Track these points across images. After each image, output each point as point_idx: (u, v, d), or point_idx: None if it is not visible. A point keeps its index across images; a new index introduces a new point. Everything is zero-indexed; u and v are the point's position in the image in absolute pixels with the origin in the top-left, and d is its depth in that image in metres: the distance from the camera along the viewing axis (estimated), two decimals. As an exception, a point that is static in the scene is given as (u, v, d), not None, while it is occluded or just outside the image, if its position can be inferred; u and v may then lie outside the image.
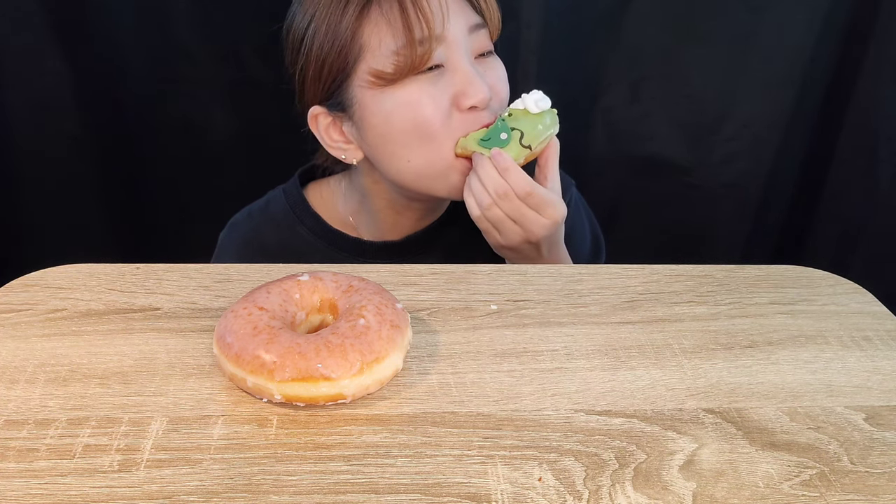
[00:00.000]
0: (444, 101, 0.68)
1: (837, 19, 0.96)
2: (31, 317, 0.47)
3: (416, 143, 0.69)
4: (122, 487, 0.35)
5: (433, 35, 0.65)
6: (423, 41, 0.65)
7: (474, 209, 0.68)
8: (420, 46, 0.65)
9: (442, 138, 0.68)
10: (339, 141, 0.74)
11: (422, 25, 0.65)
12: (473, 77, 0.68)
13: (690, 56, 0.98)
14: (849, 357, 0.46)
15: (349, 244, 0.78)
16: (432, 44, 0.66)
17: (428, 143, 0.68)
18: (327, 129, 0.74)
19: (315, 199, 0.80)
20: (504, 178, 0.66)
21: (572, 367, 0.44)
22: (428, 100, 0.67)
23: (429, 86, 0.68)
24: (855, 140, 1.01)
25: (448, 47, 0.67)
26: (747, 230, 1.11)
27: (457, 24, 0.67)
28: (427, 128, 0.68)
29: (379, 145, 0.71)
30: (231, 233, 0.80)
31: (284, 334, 0.40)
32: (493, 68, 0.72)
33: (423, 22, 0.65)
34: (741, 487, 0.36)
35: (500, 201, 0.66)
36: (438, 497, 0.35)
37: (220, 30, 0.92)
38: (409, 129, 0.68)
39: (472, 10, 0.69)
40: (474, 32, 0.69)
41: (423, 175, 0.71)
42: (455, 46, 0.68)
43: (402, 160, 0.70)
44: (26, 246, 1.01)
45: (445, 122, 0.68)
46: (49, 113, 0.94)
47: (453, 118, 0.68)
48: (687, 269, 0.55)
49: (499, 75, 0.72)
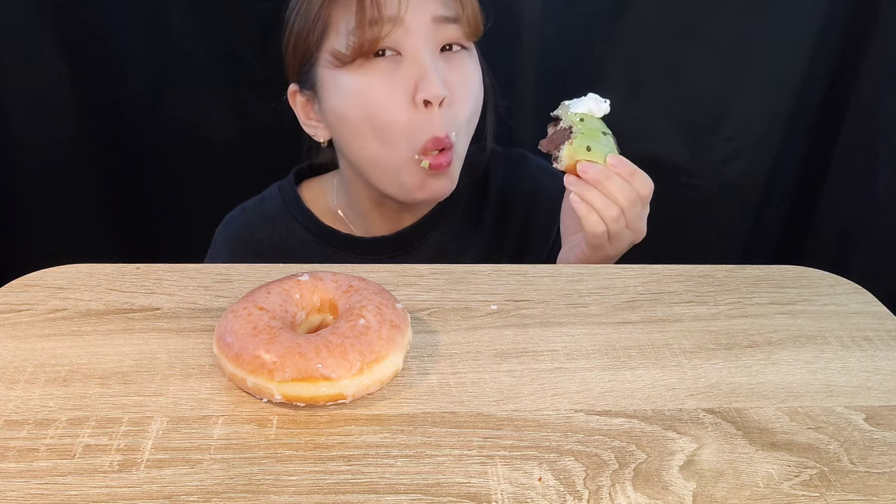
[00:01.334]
0: (399, 94, 0.66)
1: (837, 19, 0.96)
2: (31, 317, 0.47)
3: (368, 131, 0.68)
4: (122, 487, 0.35)
5: (383, 17, 0.64)
6: (373, 22, 0.64)
7: (598, 225, 0.60)
8: (370, 29, 0.65)
9: (393, 134, 0.67)
10: (312, 119, 0.75)
11: (373, 7, 0.64)
12: (427, 68, 0.66)
13: (690, 56, 0.98)
14: (849, 357, 0.46)
15: (340, 240, 0.78)
16: (383, 27, 0.65)
17: (379, 134, 0.68)
18: (303, 106, 0.75)
19: (308, 196, 0.80)
20: (631, 184, 0.60)
21: (572, 367, 0.44)
22: (381, 91, 0.66)
23: (384, 77, 0.67)
24: (855, 140, 1.01)
25: (407, 34, 0.66)
26: (747, 230, 1.11)
27: (420, 11, 0.66)
28: (377, 119, 0.67)
29: (336, 127, 0.71)
30: (225, 229, 0.81)
31: (284, 334, 0.40)
32: (460, 68, 0.69)
33: (374, 4, 0.64)
34: (741, 487, 0.36)
35: (629, 210, 0.60)
36: (438, 497, 0.35)
37: (220, 30, 0.92)
38: (361, 117, 0.68)
39: (442, 2, 0.67)
40: (442, 24, 0.67)
41: (374, 165, 0.70)
42: (415, 34, 0.66)
43: (355, 146, 0.70)
44: (26, 246, 1.01)
45: (397, 116, 0.66)
46: (49, 113, 0.94)
47: (407, 113, 0.66)
48: (687, 269, 0.55)
49: (464, 78, 0.69)
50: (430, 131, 0.67)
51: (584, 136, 0.60)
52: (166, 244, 1.05)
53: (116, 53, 0.93)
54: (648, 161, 1.09)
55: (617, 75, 0.99)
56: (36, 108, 0.93)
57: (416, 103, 0.66)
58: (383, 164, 0.69)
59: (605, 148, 0.60)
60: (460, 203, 0.79)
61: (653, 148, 1.03)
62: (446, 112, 0.67)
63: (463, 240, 0.80)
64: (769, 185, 1.07)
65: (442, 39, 0.68)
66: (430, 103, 0.66)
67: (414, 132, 0.67)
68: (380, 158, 0.69)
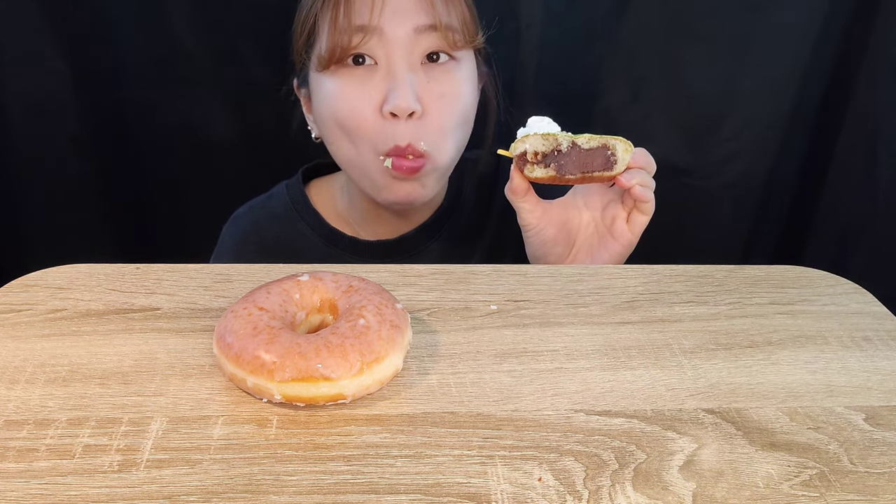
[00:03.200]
0: (368, 102, 0.66)
1: (837, 19, 0.96)
2: (31, 317, 0.47)
3: (339, 134, 0.69)
4: (122, 487, 0.35)
5: (352, 26, 0.65)
6: (343, 31, 0.65)
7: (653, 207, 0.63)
8: (340, 35, 0.65)
9: (359, 138, 0.68)
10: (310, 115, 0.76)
11: (345, 16, 0.65)
12: (399, 82, 0.65)
13: (690, 56, 0.98)
14: (849, 357, 0.46)
15: (345, 242, 0.79)
16: (353, 36, 0.65)
17: (347, 138, 0.69)
18: (305, 102, 0.76)
19: (316, 197, 0.81)
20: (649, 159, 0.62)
21: (572, 368, 0.44)
22: (351, 97, 0.67)
23: (358, 84, 0.67)
24: (855, 140, 1.01)
25: (384, 44, 0.66)
26: (747, 230, 1.11)
27: (401, 21, 0.65)
28: (345, 123, 0.68)
29: (320, 127, 0.73)
30: (231, 226, 0.81)
31: (284, 334, 0.40)
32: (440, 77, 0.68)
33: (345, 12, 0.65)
34: (741, 487, 0.36)
35: None
36: (438, 497, 0.35)
37: (220, 30, 0.92)
38: (332, 119, 0.69)
39: (424, 12, 0.66)
40: (425, 34, 0.66)
41: (350, 166, 0.72)
42: (391, 44, 0.66)
43: (333, 146, 0.72)
44: (26, 246, 1.01)
45: (362, 122, 0.67)
46: (49, 113, 0.94)
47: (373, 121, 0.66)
48: (687, 269, 0.55)
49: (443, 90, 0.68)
50: (393, 139, 0.67)
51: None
52: (166, 244, 1.05)
53: (116, 53, 0.93)
54: (648, 161, 1.07)
55: (617, 75, 0.99)
56: (36, 108, 0.93)
57: (383, 113, 0.66)
58: (356, 164, 0.71)
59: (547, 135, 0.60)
60: (465, 209, 0.80)
61: (653, 148, 1.03)
62: (416, 124, 0.67)
63: (467, 245, 0.80)
64: (769, 185, 1.07)
65: (424, 49, 0.67)
66: (396, 116, 0.66)
67: (378, 138, 0.67)
68: (352, 159, 0.70)
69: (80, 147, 0.97)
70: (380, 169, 0.69)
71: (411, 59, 0.67)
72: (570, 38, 0.96)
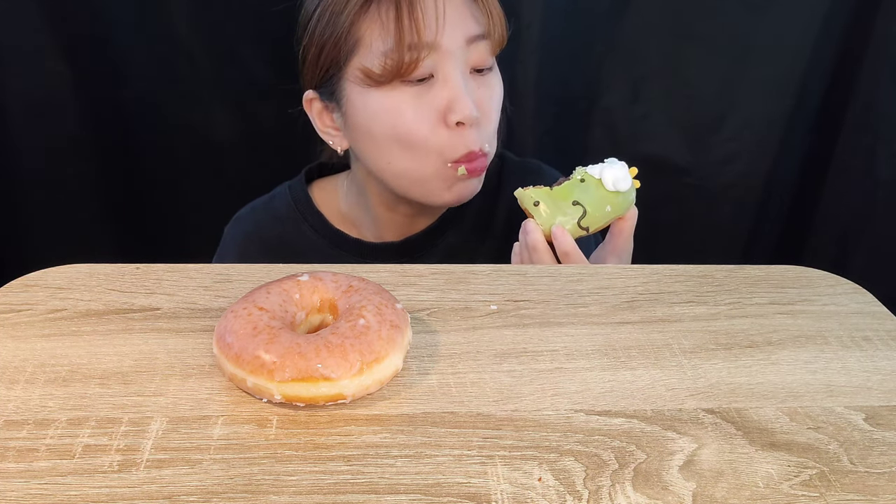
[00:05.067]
0: (430, 114, 0.67)
1: (837, 19, 0.96)
2: (31, 317, 0.47)
3: (396, 149, 0.68)
4: (122, 487, 0.35)
5: (422, 43, 0.64)
6: (412, 47, 0.64)
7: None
8: (409, 53, 0.64)
9: (424, 150, 0.68)
10: (330, 127, 0.75)
11: (412, 32, 0.64)
12: (461, 92, 0.66)
13: (690, 56, 0.98)
14: (849, 357, 0.46)
15: (350, 244, 0.78)
16: (421, 52, 0.65)
17: (409, 151, 0.68)
18: (320, 113, 0.74)
19: (319, 198, 0.80)
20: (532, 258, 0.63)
21: (572, 368, 0.44)
22: (411, 111, 0.67)
23: (414, 97, 0.67)
24: (855, 140, 1.01)
25: (441, 57, 0.66)
26: (747, 230, 1.11)
27: (454, 34, 0.66)
28: (408, 138, 0.67)
29: (361, 141, 0.71)
30: (233, 227, 0.81)
31: (284, 334, 0.40)
32: (488, 86, 0.70)
33: (414, 28, 0.64)
34: (741, 487, 0.36)
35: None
36: (438, 497, 0.35)
37: (220, 30, 0.92)
38: (390, 135, 0.68)
39: (474, 21, 0.67)
40: (473, 44, 0.68)
41: (401, 177, 0.71)
42: (448, 57, 0.66)
43: (382, 160, 0.70)
44: (26, 246, 1.01)
45: (429, 135, 0.67)
46: (49, 113, 0.94)
47: (439, 132, 0.67)
48: (687, 269, 0.55)
49: (492, 94, 0.70)
50: (465, 147, 0.68)
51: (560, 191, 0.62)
52: (166, 244, 1.05)
53: (116, 53, 0.93)
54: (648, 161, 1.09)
55: (617, 75, 0.99)
56: (36, 109, 0.93)
57: (448, 124, 0.67)
58: (413, 177, 0.70)
59: (555, 214, 0.62)
60: (470, 210, 0.80)
61: (653, 148, 1.03)
62: (477, 128, 0.68)
63: (471, 247, 0.80)
64: (769, 185, 1.07)
65: (474, 61, 0.69)
66: (462, 124, 0.67)
67: (447, 149, 0.68)
68: (409, 172, 0.70)
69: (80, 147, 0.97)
70: (444, 175, 0.69)
71: (464, 68, 0.68)
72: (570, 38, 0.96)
